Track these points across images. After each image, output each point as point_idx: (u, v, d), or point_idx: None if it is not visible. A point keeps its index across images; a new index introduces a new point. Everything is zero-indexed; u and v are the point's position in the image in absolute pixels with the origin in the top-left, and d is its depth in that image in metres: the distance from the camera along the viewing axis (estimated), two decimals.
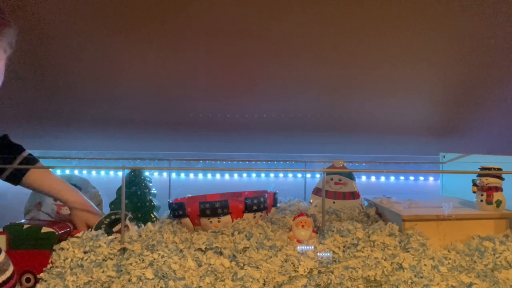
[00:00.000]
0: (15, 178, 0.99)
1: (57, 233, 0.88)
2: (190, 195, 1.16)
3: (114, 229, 0.95)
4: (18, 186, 1.02)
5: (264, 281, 0.79)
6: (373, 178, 1.47)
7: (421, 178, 1.46)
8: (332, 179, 1.19)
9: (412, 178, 1.46)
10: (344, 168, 1.18)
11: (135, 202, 1.10)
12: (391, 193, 1.17)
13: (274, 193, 1.05)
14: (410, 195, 1.18)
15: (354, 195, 1.17)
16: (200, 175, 1.50)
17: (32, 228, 0.87)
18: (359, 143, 1.45)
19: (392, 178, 1.47)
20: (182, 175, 1.48)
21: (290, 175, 1.47)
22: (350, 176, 1.18)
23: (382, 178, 1.47)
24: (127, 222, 0.93)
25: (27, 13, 1.02)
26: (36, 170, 1.00)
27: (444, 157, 1.33)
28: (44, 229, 0.87)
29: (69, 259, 0.84)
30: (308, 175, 1.36)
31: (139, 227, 0.98)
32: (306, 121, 1.39)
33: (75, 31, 1.08)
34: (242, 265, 0.82)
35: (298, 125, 1.41)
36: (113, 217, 0.96)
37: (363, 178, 1.46)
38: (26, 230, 0.86)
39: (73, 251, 0.85)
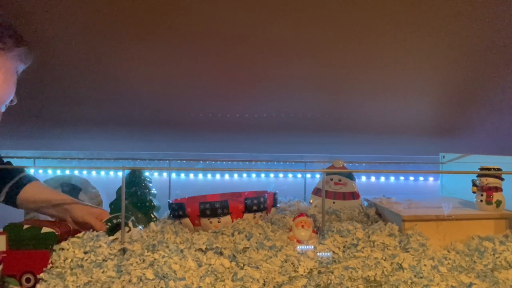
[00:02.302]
0: (11, 199, 1.02)
1: (57, 233, 0.88)
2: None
3: (116, 235, 0.94)
4: None
5: (264, 281, 0.79)
6: (373, 178, 1.48)
7: (421, 178, 1.46)
8: (332, 179, 1.19)
9: (412, 178, 1.46)
10: (344, 168, 1.18)
11: (135, 202, 1.10)
12: (391, 193, 1.17)
13: (274, 193, 1.05)
14: (410, 195, 1.18)
15: (354, 195, 1.17)
16: (200, 175, 1.50)
17: (32, 228, 0.87)
18: (359, 143, 1.45)
19: (392, 178, 1.47)
20: (182, 175, 1.48)
21: (290, 175, 1.47)
22: (350, 176, 1.18)
23: (382, 179, 1.47)
24: (130, 225, 0.92)
25: (27, 13, 1.02)
26: (29, 187, 1.02)
27: (444, 157, 1.33)
28: (44, 229, 0.87)
29: (69, 259, 0.84)
30: (308, 176, 1.37)
31: (141, 229, 0.97)
32: (306, 121, 1.40)
33: (75, 32, 1.08)
34: (242, 265, 0.83)
35: (298, 125, 1.41)
36: (114, 221, 0.94)
37: (363, 178, 1.46)
38: (26, 230, 0.86)
39: (73, 251, 0.85)
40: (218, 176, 1.50)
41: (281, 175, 1.47)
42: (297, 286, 0.78)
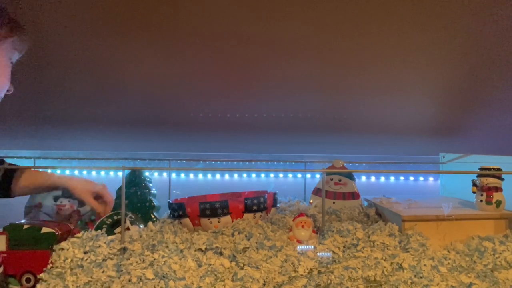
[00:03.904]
0: (4, 190, 1.01)
1: (57, 233, 0.88)
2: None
3: (116, 231, 0.95)
4: None
5: (264, 281, 0.79)
6: (373, 178, 1.48)
7: (421, 178, 1.46)
8: (332, 179, 1.19)
9: (412, 178, 1.47)
10: (344, 168, 1.18)
11: (135, 202, 1.10)
12: (391, 193, 1.17)
13: (274, 193, 1.05)
14: (410, 195, 1.18)
15: (354, 195, 1.17)
16: (200, 175, 1.50)
17: (32, 228, 0.87)
18: (359, 143, 1.45)
19: (392, 178, 1.47)
20: (182, 175, 1.48)
21: (290, 175, 1.47)
22: (350, 176, 1.18)
23: (382, 178, 1.47)
24: (128, 223, 0.93)
25: (27, 14, 1.02)
26: (20, 176, 1.00)
27: (444, 157, 1.34)
28: (44, 229, 0.87)
29: (69, 259, 0.84)
30: (308, 176, 1.37)
31: (141, 227, 0.97)
32: (306, 121, 1.40)
33: (75, 33, 1.08)
34: (242, 265, 0.83)
35: (298, 125, 1.41)
36: (115, 217, 0.96)
37: (363, 178, 1.46)
38: (26, 230, 0.86)
39: (73, 251, 0.85)
40: (218, 176, 1.50)
41: (281, 175, 1.47)
42: (297, 286, 0.78)
